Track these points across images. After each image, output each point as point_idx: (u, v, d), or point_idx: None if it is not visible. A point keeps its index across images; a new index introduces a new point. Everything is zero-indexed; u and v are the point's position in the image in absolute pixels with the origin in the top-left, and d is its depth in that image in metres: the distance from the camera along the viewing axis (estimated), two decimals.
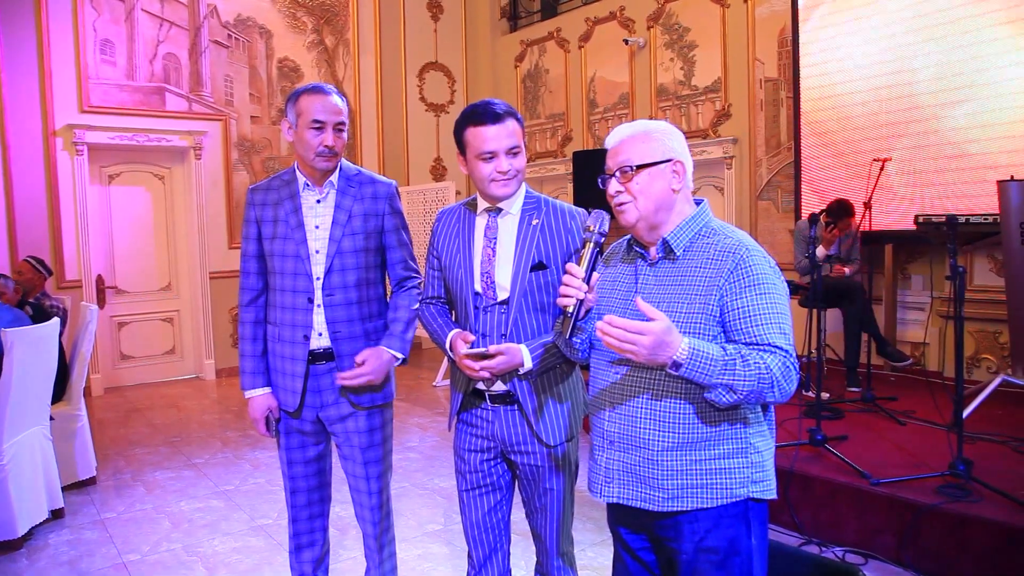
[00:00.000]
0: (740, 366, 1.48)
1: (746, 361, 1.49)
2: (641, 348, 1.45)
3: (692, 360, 1.47)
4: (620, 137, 1.71)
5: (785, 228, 6.37)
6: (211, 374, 7.46)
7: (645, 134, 1.69)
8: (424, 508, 3.97)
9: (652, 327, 1.45)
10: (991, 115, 5.00)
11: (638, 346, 1.45)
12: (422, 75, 8.98)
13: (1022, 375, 4.17)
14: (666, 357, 1.47)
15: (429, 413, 5.98)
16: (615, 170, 1.68)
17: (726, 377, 1.48)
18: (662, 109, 7.30)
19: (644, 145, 1.67)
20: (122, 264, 7.16)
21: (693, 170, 1.73)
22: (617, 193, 1.68)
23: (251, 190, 2.41)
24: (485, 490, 2.14)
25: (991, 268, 5.23)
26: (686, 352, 1.47)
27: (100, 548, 3.52)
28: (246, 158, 7.66)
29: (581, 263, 1.63)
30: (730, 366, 1.48)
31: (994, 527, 2.90)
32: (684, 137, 1.74)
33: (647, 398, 1.63)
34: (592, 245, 1.64)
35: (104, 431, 5.52)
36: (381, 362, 2.28)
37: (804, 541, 3.37)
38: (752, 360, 1.49)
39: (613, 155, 1.70)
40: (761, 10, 6.47)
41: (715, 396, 1.52)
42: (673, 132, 1.71)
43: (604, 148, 1.76)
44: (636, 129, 1.71)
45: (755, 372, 1.48)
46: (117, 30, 6.86)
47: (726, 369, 1.48)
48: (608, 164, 1.71)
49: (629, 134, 1.70)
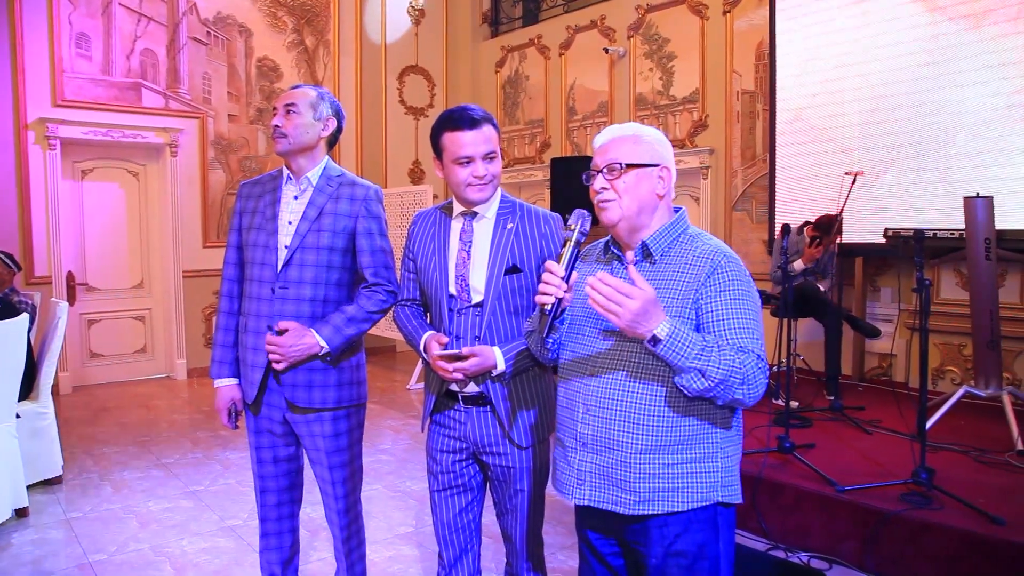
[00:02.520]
0: (715, 354, 1.51)
1: (722, 351, 1.52)
2: (626, 311, 1.46)
3: (671, 338, 1.49)
4: (611, 136, 1.72)
5: (759, 238, 6.46)
6: (182, 374, 7.38)
7: (636, 136, 1.70)
8: (395, 510, 3.97)
9: (642, 292, 1.46)
10: (958, 132, 5.11)
11: (623, 307, 1.46)
12: (402, 78, 8.98)
13: (984, 387, 4.27)
14: (646, 329, 1.48)
15: (402, 416, 5.97)
16: (602, 167, 1.68)
17: (700, 362, 1.50)
18: (640, 118, 7.36)
19: (634, 146, 1.68)
20: (93, 261, 7.06)
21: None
22: (602, 190, 1.68)
23: (242, 184, 2.48)
24: (456, 491, 2.15)
25: (957, 282, 5.35)
26: (667, 329, 1.49)
27: (65, 548, 3.47)
28: (223, 157, 7.60)
29: (561, 261, 1.62)
30: (706, 352, 1.51)
31: (954, 534, 2.97)
32: (671, 147, 1.76)
33: (622, 400, 1.64)
34: (572, 244, 1.64)
35: (71, 430, 5.44)
36: (298, 342, 2.22)
37: (770, 546, 3.42)
38: (727, 352, 1.52)
39: (602, 152, 1.70)
40: (740, 23, 6.56)
41: (686, 381, 1.53)
42: (663, 139, 1.73)
43: (583, 155, 1.78)
44: (628, 130, 1.72)
45: (728, 363, 1.51)
46: (93, 24, 6.78)
47: (702, 354, 1.50)
48: (595, 161, 1.72)
49: (620, 134, 1.71)
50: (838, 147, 5.80)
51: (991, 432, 4.21)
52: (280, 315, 2.27)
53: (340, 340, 2.27)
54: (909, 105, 5.37)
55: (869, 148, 5.60)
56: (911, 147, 5.38)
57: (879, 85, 5.54)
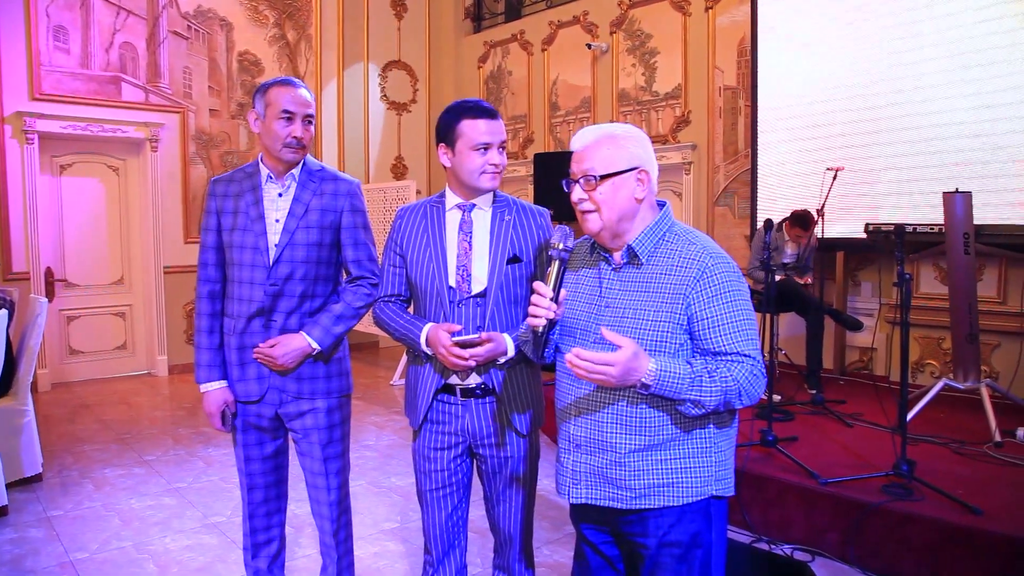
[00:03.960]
0: (707, 382, 1.53)
1: (712, 377, 1.54)
2: (610, 377, 1.49)
3: (660, 381, 1.52)
4: (584, 142, 1.69)
5: (741, 234, 6.50)
6: (164, 370, 7.32)
7: (611, 139, 1.66)
8: (380, 506, 3.96)
9: (618, 357, 1.48)
10: (936, 129, 5.17)
11: (606, 376, 1.49)
12: (385, 73, 8.94)
13: (963, 380, 4.32)
14: (635, 379, 1.51)
15: (386, 412, 5.96)
16: (579, 177, 1.67)
17: (693, 393, 1.53)
18: (623, 114, 7.38)
19: (609, 152, 1.65)
20: (73, 257, 6.98)
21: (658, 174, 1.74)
22: (581, 200, 1.68)
23: (213, 181, 2.39)
24: (450, 489, 2.16)
25: (936, 276, 5.41)
26: (653, 374, 1.51)
27: (46, 546, 3.44)
28: (204, 151, 7.53)
29: (548, 281, 1.64)
30: (696, 383, 1.53)
31: (934, 525, 3.01)
32: (650, 142, 1.73)
33: (613, 403, 1.66)
34: (558, 263, 1.67)
35: (51, 427, 5.38)
36: (290, 348, 2.25)
37: (754, 539, 3.45)
38: (719, 375, 1.54)
39: (578, 160, 1.68)
40: (722, 19, 6.59)
41: (684, 409, 1.57)
42: (639, 137, 1.69)
43: (565, 151, 1.79)
44: (601, 134, 1.68)
45: (721, 387, 1.54)
46: (72, 16, 6.69)
47: (693, 386, 1.53)
48: (573, 169, 1.70)
49: (594, 139, 1.68)
50: (819, 143, 5.85)
51: (970, 424, 4.28)
52: (271, 313, 2.28)
53: (331, 340, 2.31)
54: (889, 102, 5.43)
55: (850, 144, 5.65)
56: (891, 143, 5.43)
57: (860, 81, 5.59)
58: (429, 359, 2.08)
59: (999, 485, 3.38)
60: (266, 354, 2.25)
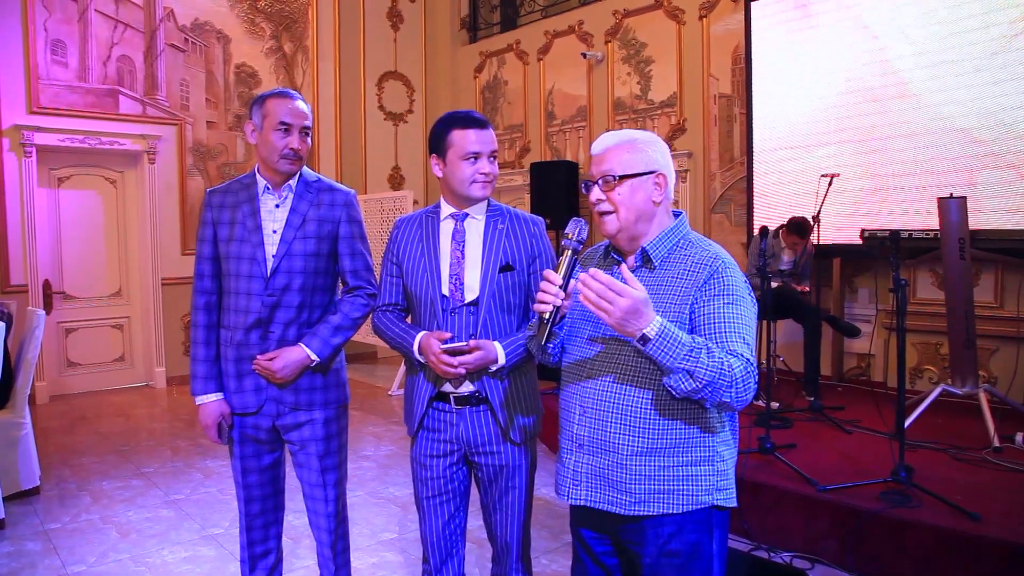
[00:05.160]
0: (704, 355, 1.50)
1: (711, 353, 1.51)
2: (616, 309, 1.46)
3: (660, 337, 1.48)
4: (605, 145, 1.72)
5: (738, 241, 6.51)
6: (162, 382, 7.31)
7: (631, 143, 1.70)
8: (378, 517, 3.95)
9: (633, 292, 1.46)
10: (931, 136, 5.19)
11: (614, 305, 1.45)
12: (381, 84, 8.97)
13: (961, 385, 4.33)
14: (636, 328, 1.48)
15: (384, 422, 5.95)
16: (598, 178, 1.70)
17: (688, 363, 1.49)
18: (619, 122, 7.40)
19: (628, 155, 1.68)
20: (71, 269, 6.98)
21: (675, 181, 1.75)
22: (599, 201, 1.70)
23: (209, 192, 2.41)
24: (447, 497, 2.16)
25: (933, 282, 5.42)
26: (656, 328, 1.48)
27: (43, 559, 3.43)
28: (201, 163, 7.55)
29: (559, 270, 1.63)
30: (695, 353, 1.50)
31: (933, 531, 3.01)
32: (668, 149, 1.75)
33: (616, 403, 1.66)
34: (570, 252, 1.64)
35: (49, 440, 5.37)
36: (289, 361, 2.25)
37: (753, 547, 3.44)
38: (717, 354, 1.52)
39: (597, 163, 1.71)
40: (716, 28, 6.62)
41: (674, 382, 1.53)
42: (658, 143, 1.73)
43: (562, 160, 1.80)
44: (622, 138, 1.71)
45: (717, 365, 1.50)
46: (70, 30, 6.72)
47: (690, 355, 1.50)
48: (592, 171, 1.74)
49: (615, 143, 1.71)
50: (815, 150, 5.87)
51: (968, 430, 4.27)
52: (269, 324, 2.28)
53: (329, 351, 2.31)
54: (884, 108, 5.45)
55: (845, 150, 5.67)
56: (886, 149, 5.45)
57: (855, 88, 5.61)
58: (423, 367, 2.09)
59: (998, 491, 3.38)
60: (265, 367, 2.25)
